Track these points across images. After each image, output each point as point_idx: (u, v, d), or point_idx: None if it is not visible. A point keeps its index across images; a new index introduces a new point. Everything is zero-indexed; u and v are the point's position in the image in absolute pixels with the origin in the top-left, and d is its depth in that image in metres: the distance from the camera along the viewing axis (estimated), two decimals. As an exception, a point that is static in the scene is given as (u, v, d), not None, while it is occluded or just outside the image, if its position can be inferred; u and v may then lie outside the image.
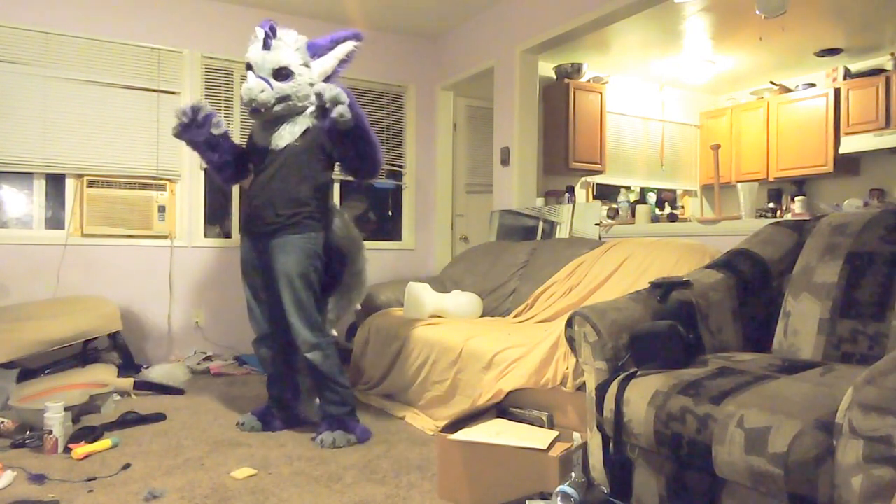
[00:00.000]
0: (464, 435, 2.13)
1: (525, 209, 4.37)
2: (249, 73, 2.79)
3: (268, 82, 2.72)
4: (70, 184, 4.22)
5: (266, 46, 2.77)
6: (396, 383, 3.34)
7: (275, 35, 2.79)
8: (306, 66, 2.84)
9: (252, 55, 2.81)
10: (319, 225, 2.85)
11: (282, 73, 2.76)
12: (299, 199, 2.79)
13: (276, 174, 2.80)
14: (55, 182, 4.22)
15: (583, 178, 5.64)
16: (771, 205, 5.60)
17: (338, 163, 2.93)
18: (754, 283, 2.15)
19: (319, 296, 2.86)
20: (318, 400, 2.88)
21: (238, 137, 4.69)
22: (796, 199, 4.92)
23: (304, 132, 2.81)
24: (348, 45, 2.97)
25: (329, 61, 2.92)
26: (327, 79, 2.92)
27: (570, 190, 5.32)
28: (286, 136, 2.80)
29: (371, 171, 2.90)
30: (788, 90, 5.78)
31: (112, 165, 4.26)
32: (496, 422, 2.33)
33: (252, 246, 2.90)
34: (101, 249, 4.24)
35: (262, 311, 2.94)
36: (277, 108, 2.76)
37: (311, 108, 2.82)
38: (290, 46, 2.81)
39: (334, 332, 3.03)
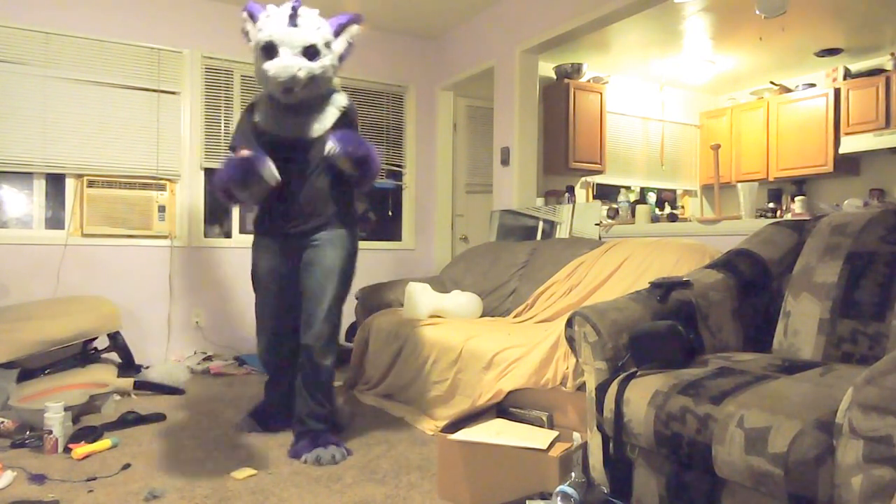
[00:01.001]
0: (464, 435, 2.13)
1: (525, 209, 4.37)
2: (283, 49, 2.50)
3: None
4: (70, 184, 4.22)
5: (293, 23, 2.53)
6: (396, 383, 3.34)
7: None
8: (328, 46, 2.60)
9: (277, 31, 2.51)
10: (356, 223, 2.79)
11: (310, 52, 2.52)
12: (339, 197, 2.68)
13: (314, 169, 2.62)
14: (55, 182, 4.22)
15: (583, 178, 5.65)
16: (771, 205, 5.61)
17: None
18: (754, 283, 2.15)
19: None
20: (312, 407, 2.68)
21: (238, 137, 4.69)
22: (796, 199, 4.92)
23: (334, 125, 2.64)
24: (355, 29, 2.76)
25: (341, 44, 2.70)
26: (339, 59, 2.73)
27: (570, 190, 5.32)
28: (317, 128, 2.61)
29: (368, 183, 2.73)
30: (788, 90, 5.78)
31: (112, 165, 4.26)
32: (496, 422, 2.33)
33: (281, 249, 2.70)
34: (101, 249, 4.24)
35: (278, 321, 2.77)
36: (306, 89, 2.55)
37: (337, 96, 2.68)
38: (312, 25, 2.59)
39: None
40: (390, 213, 5.44)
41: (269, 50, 2.52)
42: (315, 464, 2.46)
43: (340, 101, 2.70)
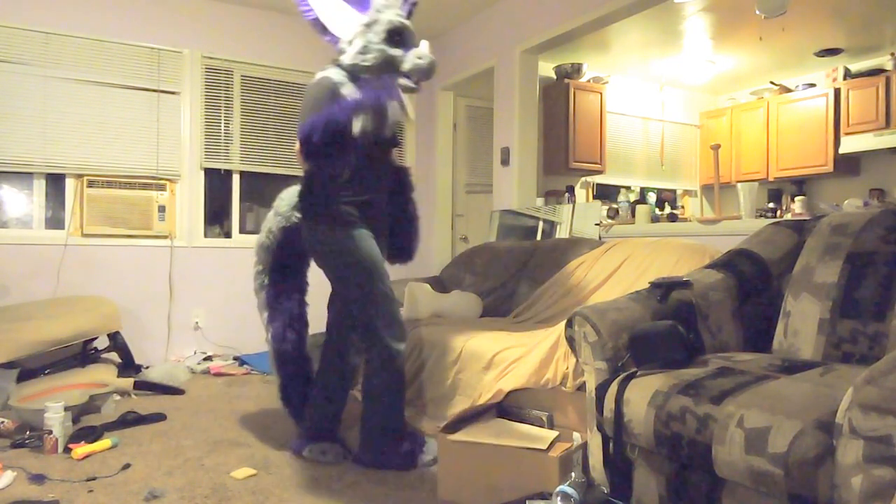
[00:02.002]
0: (464, 435, 2.13)
1: (525, 209, 4.37)
2: (422, 41, 2.41)
3: None
4: (70, 184, 4.22)
5: (409, 16, 2.46)
6: (396, 383, 3.33)
7: None
8: None
9: (405, 21, 2.41)
10: None
11: None
12: None
13: (382, 168, 2.57)
14: (55, 182, 4.22)
15: (583, 178, 5.64)
16: (771, 205, 5.61)
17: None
18: (754, 283, 2.15)
19: None
20: None
21: (239, 143, 4.70)
22: (796, 199, 4.92)
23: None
24: None
25: None
26: None
27: (570, 190, 5.32)
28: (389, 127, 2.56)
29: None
30: (788, 90, 5.78)
31: (112, 165, 4.27)
32: (496, 422, 2.33)
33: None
34: (101, 249, 4.24)
35: None
36: None
37: None
38: None
39: None
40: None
41: (397, 36, 2.37)
42: (319, 457, 2.48)
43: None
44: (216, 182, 4.70)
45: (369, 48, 2.36)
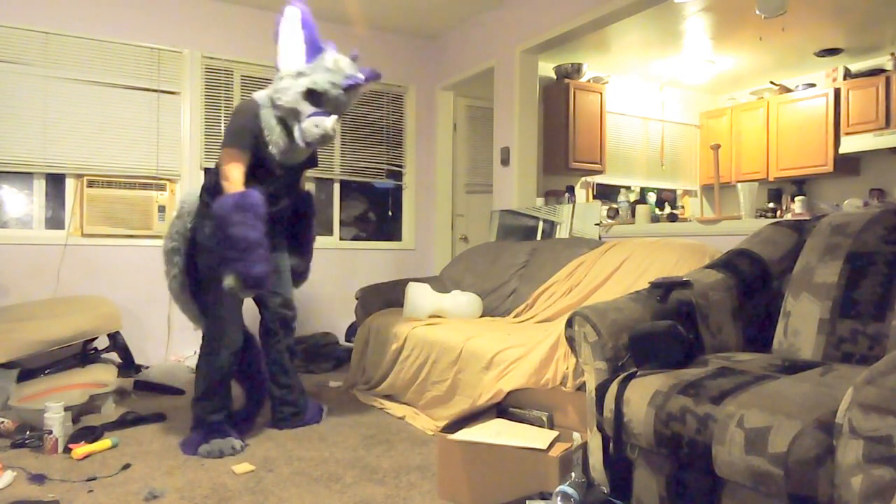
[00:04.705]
0: (464, 435, 2.13)
1: (525, 209, 4.37)
2: (333, 117, 2.74)
3: None
4: (70, 184, 4.22)
5: (349, 89, 2.89)
6: (396, 383, 3.34)
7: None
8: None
9: (327, 88, 2.77)
10: None
11: None
12: None
13: (288, 189, 3.03)
14: (55, 182, 4.22)
15: (583, 178, 5.65)
16: (771, 205, 5.61)
17: None
18: (754, 283, 2.15)
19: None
20: None
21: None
22: (796, 199, 4.93)
23: None
24: None
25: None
26: None
27: (570, 190, 5.32)
28: None
29: None
30: (788, 90, 5.78)
31: (112, 165, 4.26)
32: (496, 422, 2.33)
33: None
34: (101, 249, 4.24)
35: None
36: None
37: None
38: None
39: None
40: (390, 213, 5.44)
41: (314, 97, 2.71)
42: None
43: None
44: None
45: (288, 92, 2.67)
